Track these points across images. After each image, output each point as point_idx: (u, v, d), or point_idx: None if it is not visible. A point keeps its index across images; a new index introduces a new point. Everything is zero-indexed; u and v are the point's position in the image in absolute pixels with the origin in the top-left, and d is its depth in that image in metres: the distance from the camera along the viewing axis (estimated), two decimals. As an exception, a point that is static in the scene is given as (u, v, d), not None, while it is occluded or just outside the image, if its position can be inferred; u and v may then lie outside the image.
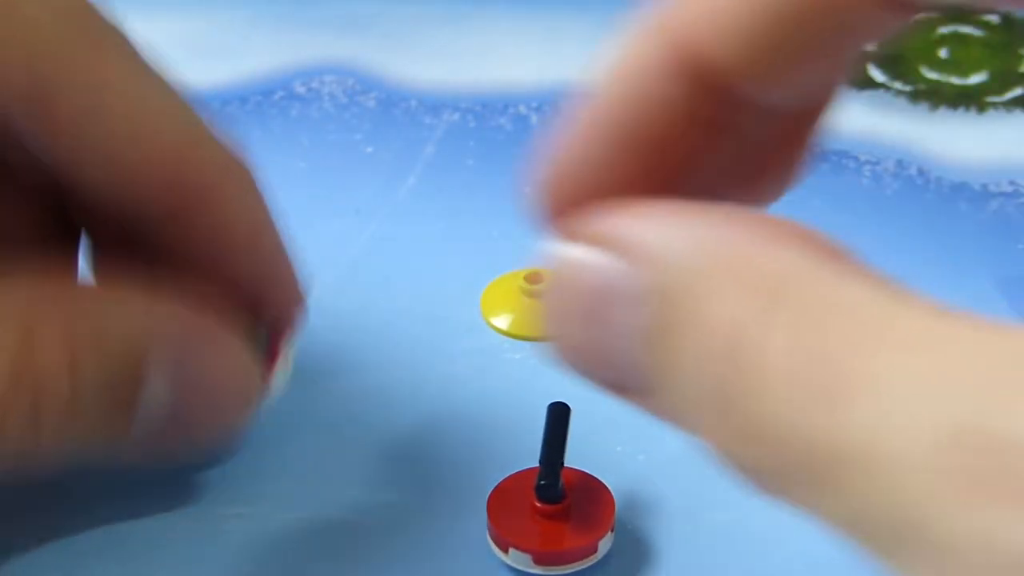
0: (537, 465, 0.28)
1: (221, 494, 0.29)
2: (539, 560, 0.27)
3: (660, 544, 0.29)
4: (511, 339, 0.34)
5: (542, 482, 0.27)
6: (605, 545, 0.28)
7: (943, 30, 0.45)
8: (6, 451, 0.24)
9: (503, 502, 0.28)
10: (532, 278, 0.34)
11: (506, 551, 0.28)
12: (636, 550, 0.28)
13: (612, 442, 0.31)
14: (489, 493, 0.28)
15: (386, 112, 0.42)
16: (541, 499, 0.28)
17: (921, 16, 0.20)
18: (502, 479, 0.29)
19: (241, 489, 0.30)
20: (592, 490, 0.28)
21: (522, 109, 0.42)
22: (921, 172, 0.39)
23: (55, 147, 0.25)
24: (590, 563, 0.28)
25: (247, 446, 0.31)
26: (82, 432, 0.25)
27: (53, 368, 0.24)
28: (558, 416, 0.28)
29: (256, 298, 0.28)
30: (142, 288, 0.26)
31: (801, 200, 0.38)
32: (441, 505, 0.29)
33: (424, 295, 0.35)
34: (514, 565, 0.28)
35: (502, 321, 0.34)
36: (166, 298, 0.26)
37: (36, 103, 0.25)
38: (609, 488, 0.28)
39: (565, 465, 0.28)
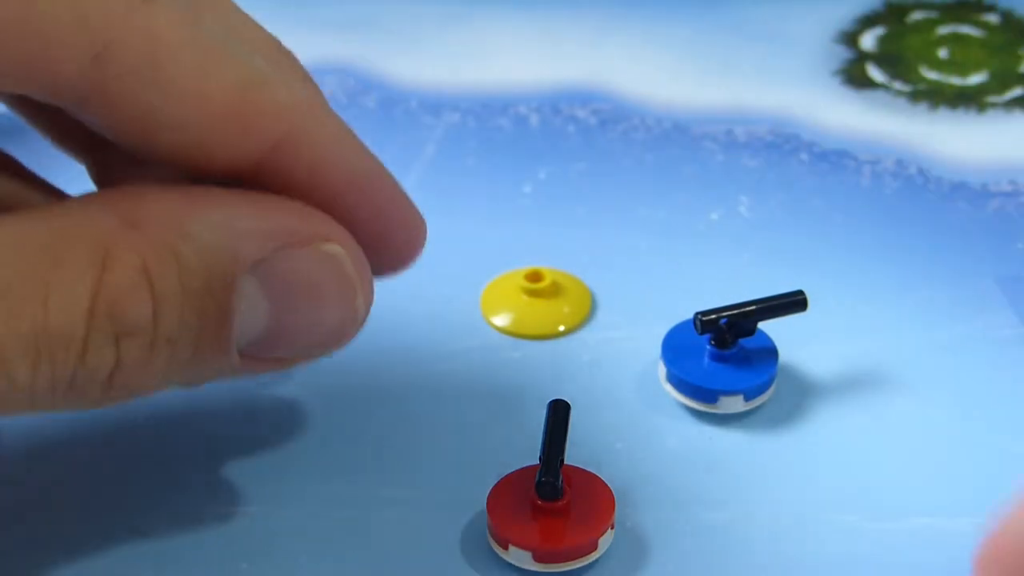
0: (537, 463, 0.28)
1: (220, 493, 0.29)
2: (539, 557, 0.27)
3: (659, 541, 0.29)
4: (511, 339, 0.34)
5: (542, 479, 0.27)
6: (605, 542, 0.28)
7: (943, 30, 0.45)
8: (94, 385, 0.24)
9: (503, 499, 0.28)
10: (532, 278, 0.34)
11: (506, 548, 0.28)
12: (635, 548, 0.28)
13: (612, 439, 0.31)
14: (489, 491, 0.28)
15: (386, 112, 0.42)
16: (541, 496, 0.28)
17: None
18: (502, 477, 0.29)
19: (241, 488, 0.30)
20: (592, 487, 0.28)
21: (522, 109, 0.42)
22: (921, 172, 0.39)
23: (113, 113, 0.24)
24: (590, 560, 0.28)
25: (246, 446, 0.31)
26: (176, 354, 0.24)
27: (129, 291, 0.23)
28: (558, 413, 0.28)
29: (374, 235, 0.27)
30: (227, 192, 0.25)
31: (801, 200, 0.38)
32: (441, 504, 0.29)
33: (424, 295, 0.35)
34: (514, 563, 0.28)
35: (502, 321, 0.34)
36: (254, 201, 0.25)
37: (92, 66, 0.24)
38: (609, 485, 0.28)
39: (565, 463, 0.28)
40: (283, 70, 0.26)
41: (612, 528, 0.28)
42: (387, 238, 0.27)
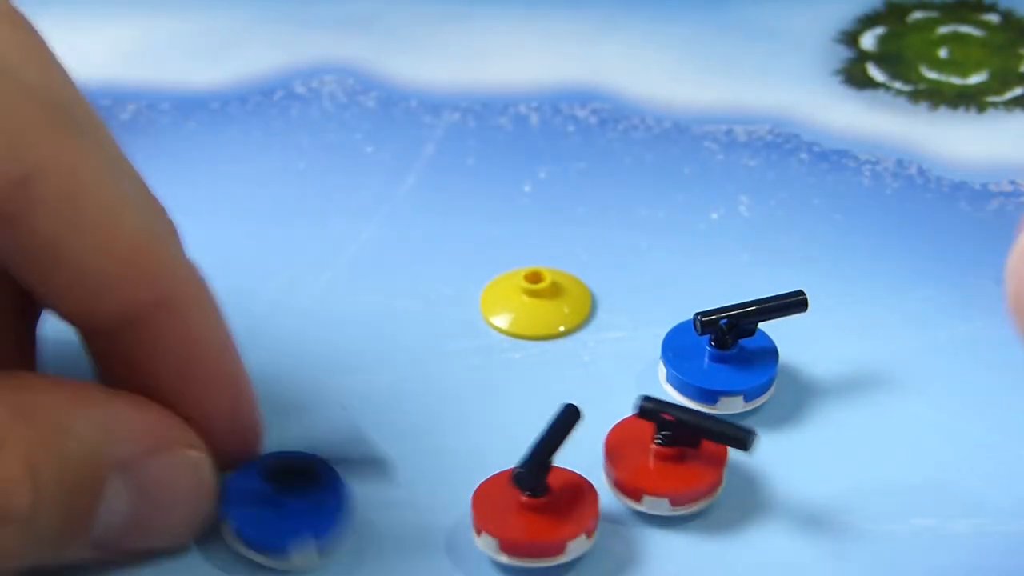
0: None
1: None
2: (505, 548, 0.27)
3: (655, 541, 0.29)
4: (511, 339, 0.34)
5: (519, 469, 0.27)
6: (577, 547, 0.28)
7: (943, 30, 0.45)
8: None
9: (491, 492, 0.28)
10: (532, 278, 0.34)
11: (479, 535, 0.28)
12: (630, 546, 0.28)
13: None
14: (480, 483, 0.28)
15: (386, 112, 0.42)
16: (516, 485, 0.27)
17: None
18: (497, 473, 0.29)
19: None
20: (578, 492, 0.28)
21: (522, 109, 0.42)
22: (921, 172, 0.39)
23: (25, 235, 0.25)
24: (556, 562, 0.28)
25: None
26: (41, 541, 0.25)
27: (15, 483, 0.24)
28: (564, 416, 0.28)
29: (212, 420, 0.28)
30: (105, 393, 0.26)
31: (801, 200, 0.38)
32: (440, 503, 0.29)
33: (424, 295, 0.35)
34: (482, 549, 0.28)
35: (502, 321, 0.34)
36: (128, 404, 0.26)
37: (13, 188, 0.24)
38: (598, 494, 0.28)
39: (562, 467, 0.28)
40: (173, 231, 0.27)
41: (589, 536, 0.28)
42: (227, 421, 0.28)
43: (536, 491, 0.28)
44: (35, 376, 0.26)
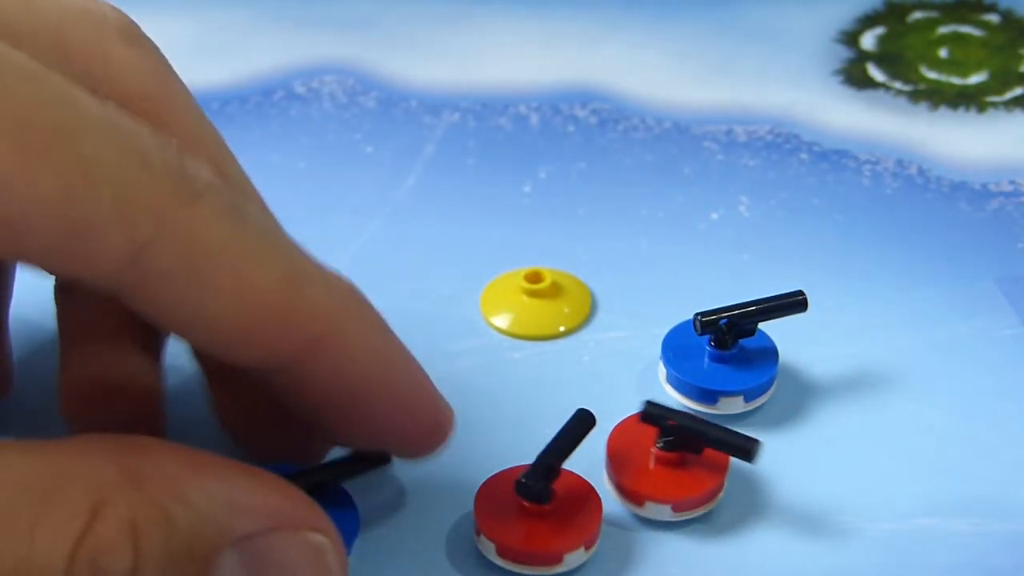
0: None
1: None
2: (502, 552, 0.27)
3: (654, 540, 0.29)
4: (511, 339, 0.34)
5: (522, 479, 0.27)
6: (574, 560, 0.28)
7: (943, 30, 0.45)
8: None
9: (495, 491, 0.28)
10: (532, 278, 0.34)
11: (478, 536, 0.28)
12: (626, 545, 0.28)
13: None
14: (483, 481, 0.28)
15: (386, 112, 0.42)
16: (519, 495, 0.27)
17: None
18: (503, 470, 0.29)
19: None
20: (583, 502, 0.28)
21: (522, 109, 0.42)
22: (921, 172, 0.39)
23: (152, 307, 0.24)
24: (553, 572, 0.27)
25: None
26: None
27: (112, 543, 0.23)
28: (575, 422, 0.28)
29: (395, 436, 0.27)
30: (227, 465, 0.25)
31: (801, 200, 0.38)
32: (440, 503, 0.29)
33: (424, 295, 0.35)
34: (481, 550, 0.28)
35: (502, 321, 0.34)
36: (251, 478, 0.25)
37: (128, 262, 0.23)
38: (602, 504, 0.28)
39: (574, 472, 0.28)
40: (315, 265, 0.26)
41: (587, 548, 0.28)
42: (411, 430, 0.28)
43: (540, 498, 0.28)
44: (156, 441, 0.25)
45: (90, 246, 0.23)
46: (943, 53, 0.44)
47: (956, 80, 0.43)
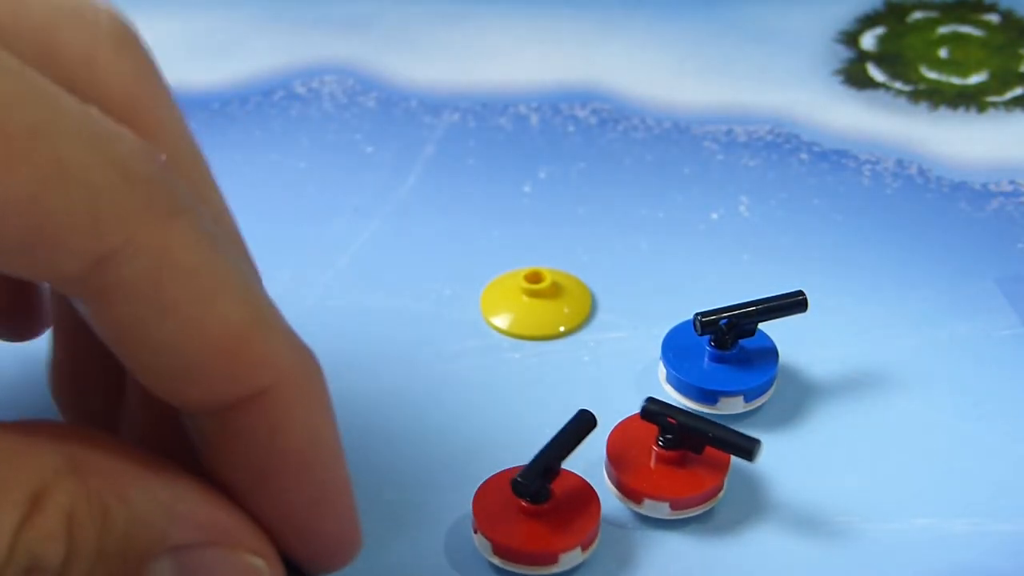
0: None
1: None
2: (498, 551, 0.27)
3: (652, 540, 0.29)
4: (511, 339, 0.34)
5: (518, 478, 0.27)
6: (570, 560, 0.27)
7: (943, 30, 0.45)
8: None
9: (494, 491, 0.28)
10: (532, 278, 0.34)
11: (475, 533, 0.28)
12: (624, 545, 0.28)
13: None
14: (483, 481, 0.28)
15: (386, 112, 0.42)
16: (515, 493, 0.27)
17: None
18: (503, 470, 0.29)
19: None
20: (582, 502, 0.28)
21: (522, 109, 0.42)
22: (921, 172, 0.39)
23: (107, 322, 0.23)
24: (549, 572, 0.27)
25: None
26: None
27: (48, 536, 0.22)
28: (575, 423, 0.28)
29: (295, 532, 0.25)
30: (175, 472, 0.24)
31: (801, 200, 0.38)
32: (439, 503, 0.29)
33: (424, 295, 0.35)
34: (478, 548, 0.28)
35: (502, 321, 0.34)
36: (196, 489, 0.24)
37: (93, 268, 0.22)
38: (600, 504, 0.28)
39: (573, 472, 0.28)
40: (282, 318, 0.25)
41: (584, 549, 0.28)
42: (315, 533, 0.25)
43: (537, 497, 0.28)
44: (107, 435, 0.24)
45: (55, 250, 0.22)
46: (943, 53, 0.44)
47: (956, 80, 0.43)
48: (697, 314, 0.31)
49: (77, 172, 0.22)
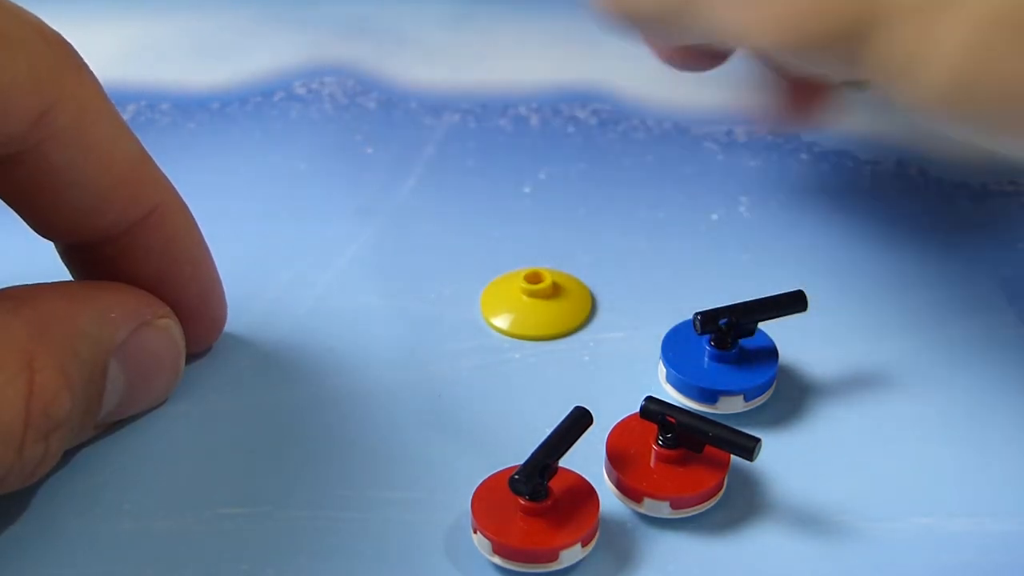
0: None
1: (220, 493, 0.29)
2: (498, 550, 0.27)
3: (651, 540, 0.29)
4: (511, 339, 0.34)
5: (515, 475, 0.27)
6: (570, 557, 0.27)
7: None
8: (23, 476, 0.27)
9: (492, 490, 0.28)
10: (532, 279, 0.35)
11: (475, 533, 0.28)
12: (624, 544, 0.28)
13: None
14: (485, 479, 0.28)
15: (386, 113, 0.42)
16: (512, 491, 0.27)
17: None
18: (502, 469, 0.29)
19: (240, 488, 0.30)
20: (581, 499, 0.28)
21: (522, 110, 0.42)
22: (921, 172, 0.40)
23: (41, 164, 0.27)
24: (549, 569, 0.27)
25: (246, 448, 0.31)
26: (72, 435, 0.28)
27: (56, 393, 0.26)
28: (573, 419, 0.28)
29: (189, 317, 0.31)
30: (93, 287, 0.29)
31: (801, 200, 0.38)
32: (439, 503, 0.29)
33: (424, 295, 0.35)
34: (477, 547, 0.28)
35: (502, 321, 0.34)
36: (113, 291, 0.29)
37: (36, 121, 0.27)
38: (599, 501, 0.28)
39: (572, 470, 0.28)
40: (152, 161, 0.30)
41: (584, 545, 0.28)
42: (199, 314, 0.32)
43: (535, 495, 0.28)
44: (40, 287, 0.28)
45: (6, 109, 0.26)
46: (943, 53, 0.44)
47: (956, 80, 0.43)
48: (697, 314, 0.31)
49: (18, 43, 0.26)
